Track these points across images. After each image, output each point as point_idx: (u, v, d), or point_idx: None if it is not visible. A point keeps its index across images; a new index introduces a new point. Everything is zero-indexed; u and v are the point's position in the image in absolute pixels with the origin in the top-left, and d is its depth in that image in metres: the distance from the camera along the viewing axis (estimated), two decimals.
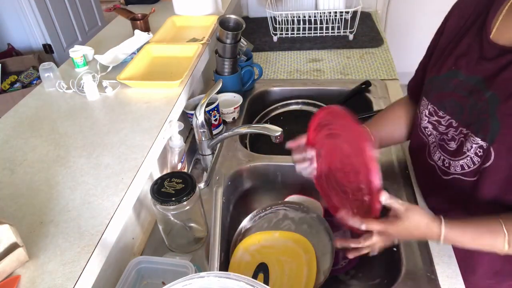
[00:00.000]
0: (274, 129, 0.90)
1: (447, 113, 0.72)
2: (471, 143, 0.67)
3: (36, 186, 0.75)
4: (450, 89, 0.71)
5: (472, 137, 0.67)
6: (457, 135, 0.71)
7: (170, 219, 0.77)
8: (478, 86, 0.66)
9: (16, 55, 2.88)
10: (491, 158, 0.64)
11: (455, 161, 0.72)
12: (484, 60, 0.66)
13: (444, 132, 0.74)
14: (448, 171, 0.74)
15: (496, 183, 0.67)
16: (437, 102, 0.74)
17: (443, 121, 0.74)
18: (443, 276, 0.73)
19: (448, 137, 0.73)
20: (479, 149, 0.66)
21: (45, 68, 1.07)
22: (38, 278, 0.59)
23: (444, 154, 0.75)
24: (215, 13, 1.47)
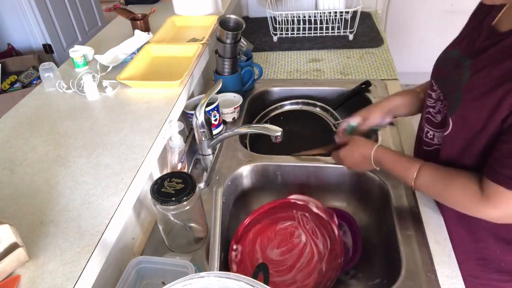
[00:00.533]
0: (274, 129, 0.90)
1: (439, 87, 0.77)
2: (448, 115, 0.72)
3: (36, 186, 0.75)
4: (445, 65, 0.76)
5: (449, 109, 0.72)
6: (443, 108, 0.76)
7: (170, 219, 0.77)
8: (464, 64, 0.69)
9: (16, 55, 2.88)
10: (449, 129, 0.70)
11: (439, 132, 0.77)
12: (477, 42, 0.69)
13: (431, 105, 0.79)
14: (431, 142, 0.80)
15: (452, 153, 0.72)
16: (435, 76, 0.79)
17: (434, 95, 0.79)
18: (443, 276, 0.73)
19: (435, 110, 0.78)
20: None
21: (45, 68, 1.07)
22: (38, 278, 0.59)
23: (428, 127, 0.81)
24: (215, 13, 1.47)
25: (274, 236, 0.93)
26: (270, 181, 1.10)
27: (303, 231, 0.92)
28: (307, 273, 0.84)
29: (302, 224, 0.94)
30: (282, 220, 0.95)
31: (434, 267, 0.75)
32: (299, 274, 0.84)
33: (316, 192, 1.06)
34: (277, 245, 0.91)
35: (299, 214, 0.94)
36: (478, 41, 0.69)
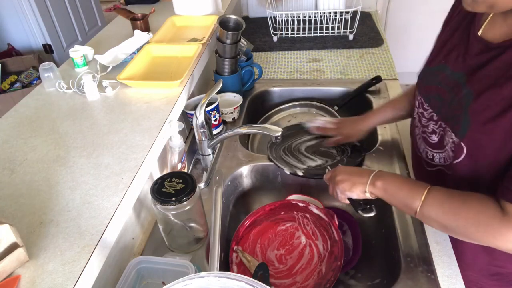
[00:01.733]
0: (274, 129, 0.90)
1: (431, 106, 0.74)
2: (449, 138, 0.69)
3: (36, 186, 0.75)
4: (436, 82, 0.72)
5: (449, 131, 0.68)
6: (437, 128, 0.72)
7: (170, 219, 0.77)
8: (459, 81, 0.66)
9: (16, 55, 2.88)
10: (463, 154, 0.65)
11: (438, 153, 0.74)
12: (469, 56, 0.66)
13: (425, 125, 0.76)
14: (432, 163, 0.77)
15: (467, 177, 0.68)
16: (424, 94, 0.76)
17: (426, 114, 0.76)
18: (443, 276, 0.73)
19: (429, 130, 0.75)
20: (452, 144, 0.68)
21: (45, 68, 1.07)
22: (38, 278, 0.59)
23: (427, 147, 0.77)
24: (215, 13, 1.47)
25: (275, 237, 0.93)
26: (270, 181, 1.10)
27: (303, 233, 0.92)
28: (306, 275, 0.84)
29: (302, 225, 0.94)
30: (282, 221, 0.95)
31: (434, 267, 0.75)
32: (299, 275, 0.84)
33: (316, 192, 1.06)
34: (277, 246, 0.91)
35: (300, 215, 0.94)
36: (470, 55, 0.66)
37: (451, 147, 0.68)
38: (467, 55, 0.66)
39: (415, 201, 0.66)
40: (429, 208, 0.64)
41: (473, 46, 0.65)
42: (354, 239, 0.94)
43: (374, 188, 0.72)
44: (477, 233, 0.60)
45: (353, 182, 0.75)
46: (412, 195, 0.66)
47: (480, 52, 0.64)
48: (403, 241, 0.81)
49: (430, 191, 0.65)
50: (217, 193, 0.83)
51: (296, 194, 1.03)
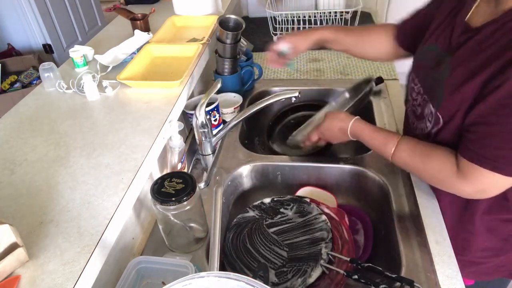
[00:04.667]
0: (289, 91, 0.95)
1: (419, 81, 0.81)
2: (428, 109, 0.76)
3: (36, 186, 0.75)
4: (426, 61, 0.80)
5: (428, 102, 0.76)
6: (422, 101, 0.80)
7: (170, 219, 0.77)
8: (443, 59, 0.74)
9: (16, 55, 2.88)
10: (440, 123, 0.73)
11: (419, 123, 0.82)
12: (453, 37, 0.73)
13: (415, 98, 0.84)
14: (415, 133, 0.84)
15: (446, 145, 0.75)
16: (416, 71, 0.84)
17: (415, 88, 0.83)
18: (443, 276, 0.73)
19: (417, 102, 0.82)
20: (430, 114, 0.75)
21: (45, 68, 1.07)
22: (38, 278, 0.59)
23: (413, 118, 0.85)
24: (215, 13, 1.47)
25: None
26: (270, 181, 1.10)
27: None
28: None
29: None
30: None
31: (434, 267, 0.75)
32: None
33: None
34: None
35: None
36: (454, 37, 0.73)
37: (429, 117, 0.76)
38: (452, 37, 0.73)
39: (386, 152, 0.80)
40: (399, 158, 0.79)
41: (457, 29, 0.73)
42: (366, 239, 0.94)
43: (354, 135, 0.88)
44: (437, 184, 0.77)
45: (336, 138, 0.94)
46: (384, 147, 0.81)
47: (462, 33, 0.71)
48: (403, 241, 0.81)
49: (400, 143, 0.79)
50: (217, 193, 0.83)
51: (309, 187, 1.03)
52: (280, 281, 0.81)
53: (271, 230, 0.91)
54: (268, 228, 0.92)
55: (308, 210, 0.91)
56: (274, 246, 0.88)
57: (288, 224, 0.92)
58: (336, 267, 0.79)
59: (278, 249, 0.87)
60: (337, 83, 1.40)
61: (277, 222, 0.93)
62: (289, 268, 0.83)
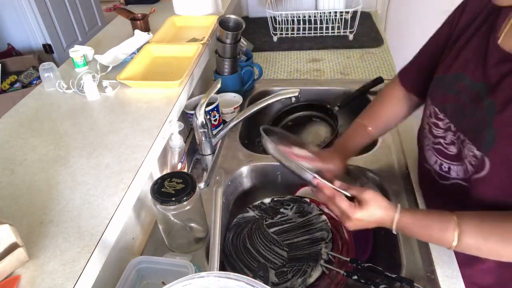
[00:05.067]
0: (289, 91, 0.90)
1: (447, 116, 0.70)
2: (468, 150, 0.65)
3: (36, 186, 0.75)
4: (453, 92, 0.69)
5: (469, 144, 0.65)
6: (456, 139, 0.69)
7: (170, 219, 0.77)
8: (480, 93, 0.64)
9: (16, 55, 2.88)
10: (486, 168, 0.62)
11: (456, 165, 0.70)
12: (488, 66, 0.63)
13: (440, 136, 0.72)
14: (447, 176, 0.73)
15: (492, 192, 0.64)
16: (439, 103, 0.72)
17: (441, 124, 0.72)
18: (443, 276, 0.73)
19: (446, 141, 0.71)
20: (473, 158, 0.64)
21: (45, 68, 1.07)
22: (38, 278, 0.59)
23: (441, 158, 0.73)
24: (215, 13, 1.47)
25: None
26: (270, 181, 1.09)
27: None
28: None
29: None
30: None
31: (434, 267, 0.75)
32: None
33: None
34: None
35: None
36: (489, 66, 0.63)
37: (471, 161, 0.65)
38: (487, 65, 0.63)
39: (448, 233, 0.62)
40: (468, 247, 0.62)
41: (493, 55, 0.62)
42: (366, 239, 0.94)
43: (399, 229, 0.68)
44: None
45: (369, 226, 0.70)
46: (444, 228, 0.62)
47: (500, 62, 0.61)
48: (403, 241, 0.81)
49: (462, 220, 0.61)
50: (217, 193, 0.83)
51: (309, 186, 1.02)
52: (280, 281, 0.81)
53: (271, 230, 0.91)
54: (268, 228, 0.92)
55: (308, 210, 0.91)
56: (274, 246, 0.88)
57: (288, 224, 0.92)
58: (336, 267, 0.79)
59: (278, 249, 0.87)
60: (337, 83, 1.40)
61: (277, 222, 0.93)
62: (289, 268, 0.83)
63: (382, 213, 0.66)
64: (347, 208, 0.66)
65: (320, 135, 1.31)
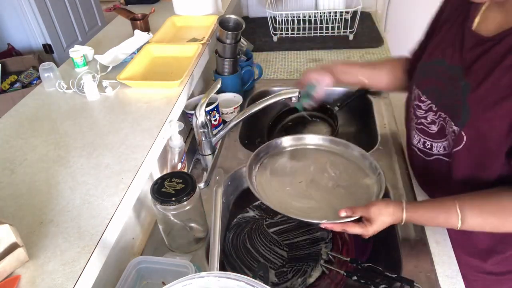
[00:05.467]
0: (289, 91, 0.91)
1: (429, 97, 0.77)
2: (449, 127, 0.72)
3: (36, 186, 0.75)
4: (434, 76, 0.76)
5: (449, 121, 0.72)
6: (437, 118, 0.75)
7: (170, 219, 0.77)
8: (456, 74, 0.70)
9: (16, 55, 2.88)
10: (462, 142, 0.69)
11: (437, 142, 0.77)
12: (464, 50, 0.69)
13: (422, 116, 0.79)
14: (430, 152, 0.80)
15: (468, 166, 0.71)
16: (422, 87, 0.79)
17: (423, 106, 0.78)
18: (443, 276, 0.73)
19: (428, 120, 0.78)
20: (452, 133, 0.71)
21: (45, 68, 1.07)
22: (38, 278, 0.59)
23: (424, 137, 0.80)
24: (215, 13, 1.47)
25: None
26: None
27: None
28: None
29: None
30: None
31: (434, 267, 0.75)
32: None
33: None
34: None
35: None
36: (465, 50, 0.69)
37: (452, 136, 0.72)
38: (463, 50, 0.69)
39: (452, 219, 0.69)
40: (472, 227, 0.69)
41: (468, 40, 0.69)
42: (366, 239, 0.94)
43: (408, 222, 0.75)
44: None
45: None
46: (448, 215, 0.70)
47: (475, 46, 0.67)
48: (403, 241, 0.81)
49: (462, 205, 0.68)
50: (217, 193, 0.83)
51: None
52: (280, 281, 0.81)
53: (271, 230, 0.91)
54: (268, 228, 0.92)
55: None
56: (274, 246, 0.88)
57: (288, 224, 0.92)
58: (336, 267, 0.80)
59: (278, 249, 0.87)
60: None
61: (277, 222, 0.93)
62: (289, 268, 0.83)
63: (391, 220, 0.73)
64: (361, 231, 0.74)
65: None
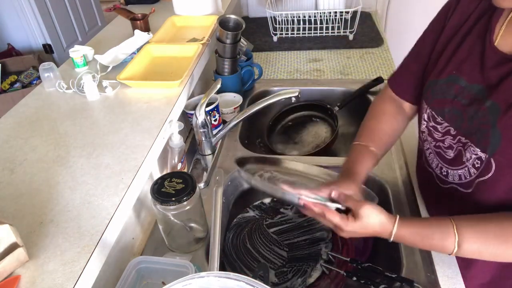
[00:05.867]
0: (289, 91, 0.89)
1: (446, 120, 0.69)
2: (471, 153, 0.64)
3: (36, 186, 0.75)
4: (450, 96, 0.68)
5: (472, 147, 0.64)
6: (455, 143, 0.68)
7: (170, 219, 0.77)
8: (479, 94, 0.63)
9: (16, 55, 2.88)
10: (492, 171, 0.61)
11: (453, 170, 0.70)
12: (486, 68, 0.62)
13: (439, 139, 0.72)
14: (446, 180, 0.72)
15: (496, 196, 0.64)
16: (436, 107, 0.71)
17: (440, 128, 0.71)
18: (443, 276, 0.73)
19: (445, 144, 0.70)
20: (477, 160, 0.63)
21: (45, 68, 1.07)
22: (38, 278, 0.59)
23: (441, 162, 0.73)
24: (215, 13, 1.47)
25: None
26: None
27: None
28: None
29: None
30: None
31: (434, 267, 0.75)
32: None
33: None
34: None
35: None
36: (487, 68, 0.62)
37: (474, 164, 0.64)
38: (484, 67, 0.63)
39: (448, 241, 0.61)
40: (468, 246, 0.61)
41: (490, 57, 0.62)
42: (366, 239, 0.94)
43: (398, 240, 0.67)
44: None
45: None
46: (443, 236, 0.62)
47: (499, 64, 0.61)
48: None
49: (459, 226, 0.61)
50: (217, 193, 0.83)
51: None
52: (280, 281, 0.81)
53: (271, 230, 0.91)
54: (268, 228, 0.92)
55: None
56: (274, 246, 0.88)
57: (288, 224, 0.92)
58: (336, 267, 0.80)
59: (278, 249, 0.87)
60: (337, 83, 1.40)
61: (277, 222, 0.93)
62: (289, 268, 0.83)
63: (377, 228, 0.65)
64: (339, 222, 0.65)
65: (320, 135, 1.31)
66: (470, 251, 0.61)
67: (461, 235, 0.60)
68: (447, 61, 0.69)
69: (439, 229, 0.62)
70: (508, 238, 0.59)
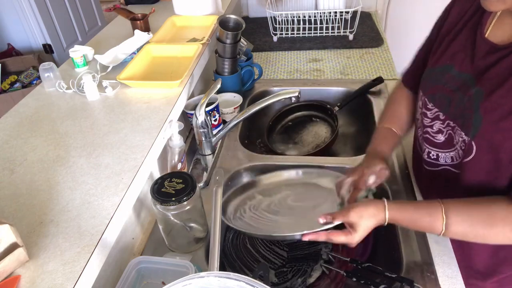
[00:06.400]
0: (289, 91, 0.90)
1: (436, 105, 0.74)
2: (458, 136, 0.69)
3: (36, 186, 0.75)
4: (441, 83, 0.73)
5: (458, 130, 0.69)
6: (445, 127, 0.72)
7: (170, 219, 0.77)
8: (467, 82, 0.67)
9: (16, 55, 2.88)
10: (472, 153, 0.66)
11: (445, 152, 0.74)
12: (476, 58, 0.67)
13: (427, 125, 0.76)
14: (436, 163, 0.76)
15: (479, 177, 0.68)
16: (429, 94, 0.76)
17: (429, 114, 0.75)
18: (443, 276, 0.73)
19: (434, 129, 0.74)
20: (462, 143, 0.68)
21: (45, 68, 1.07)
22: (38, 278, 0.59)
23: (429, 147, 0.77)
24: (215, 13, 1.47)
25: None
26: None
27: None
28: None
29: None
30: None
31: (434, 267, 0.75)
32: None
33: None
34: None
35: None
36: (477, 57, 0.66)
37: (461, 146, 0.69)
38: (475, 57, 0.67)
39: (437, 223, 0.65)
40: (455, 234, 0.66)
41: (480, 47, 0.66)
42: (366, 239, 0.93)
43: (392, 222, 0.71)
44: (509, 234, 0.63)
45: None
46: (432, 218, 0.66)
47: (487, 54, 0.65)
48: (403, 241, 0.81)
49: (448, 209, 0.65)
50: (217, 193, 0.83)
51: None
52: (280, 281, 0.81)
53: None
54: None
55: None
56: (274, 246, 0.88)
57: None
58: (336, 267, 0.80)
59: (278, 249, 0.87)
60: (337, 83, 1.40)
61: None
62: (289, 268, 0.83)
63: (374, 222, 0.69)
64: (346, 240, 0.70)
65: (320, 135, 1.31)
66: (455, 233, 0.66)
67: (449, 218, 0.64)
68: (443, 52, 0.74)
69: (428, 213, 0.67)
70: (492, 221, 0.63)
